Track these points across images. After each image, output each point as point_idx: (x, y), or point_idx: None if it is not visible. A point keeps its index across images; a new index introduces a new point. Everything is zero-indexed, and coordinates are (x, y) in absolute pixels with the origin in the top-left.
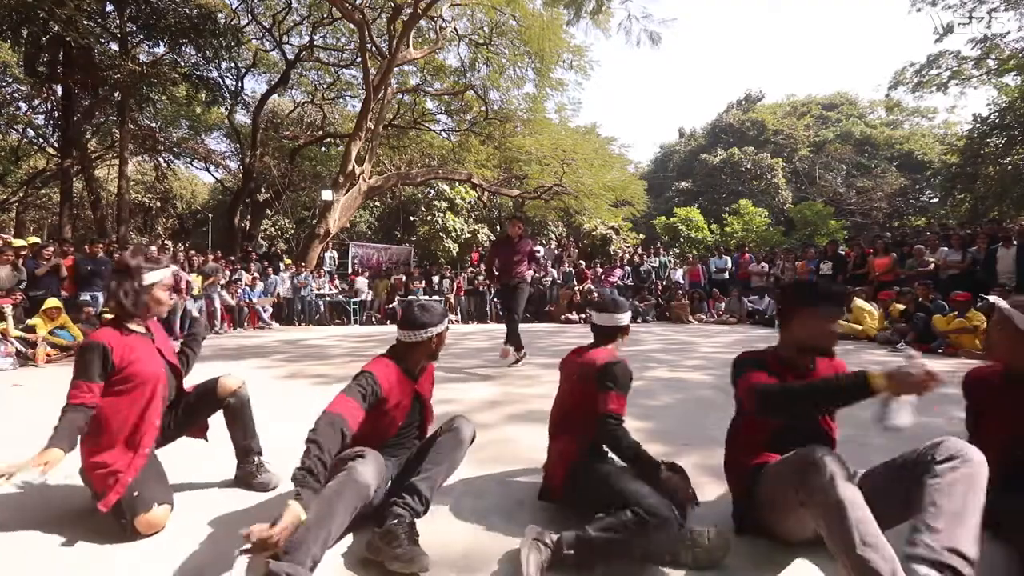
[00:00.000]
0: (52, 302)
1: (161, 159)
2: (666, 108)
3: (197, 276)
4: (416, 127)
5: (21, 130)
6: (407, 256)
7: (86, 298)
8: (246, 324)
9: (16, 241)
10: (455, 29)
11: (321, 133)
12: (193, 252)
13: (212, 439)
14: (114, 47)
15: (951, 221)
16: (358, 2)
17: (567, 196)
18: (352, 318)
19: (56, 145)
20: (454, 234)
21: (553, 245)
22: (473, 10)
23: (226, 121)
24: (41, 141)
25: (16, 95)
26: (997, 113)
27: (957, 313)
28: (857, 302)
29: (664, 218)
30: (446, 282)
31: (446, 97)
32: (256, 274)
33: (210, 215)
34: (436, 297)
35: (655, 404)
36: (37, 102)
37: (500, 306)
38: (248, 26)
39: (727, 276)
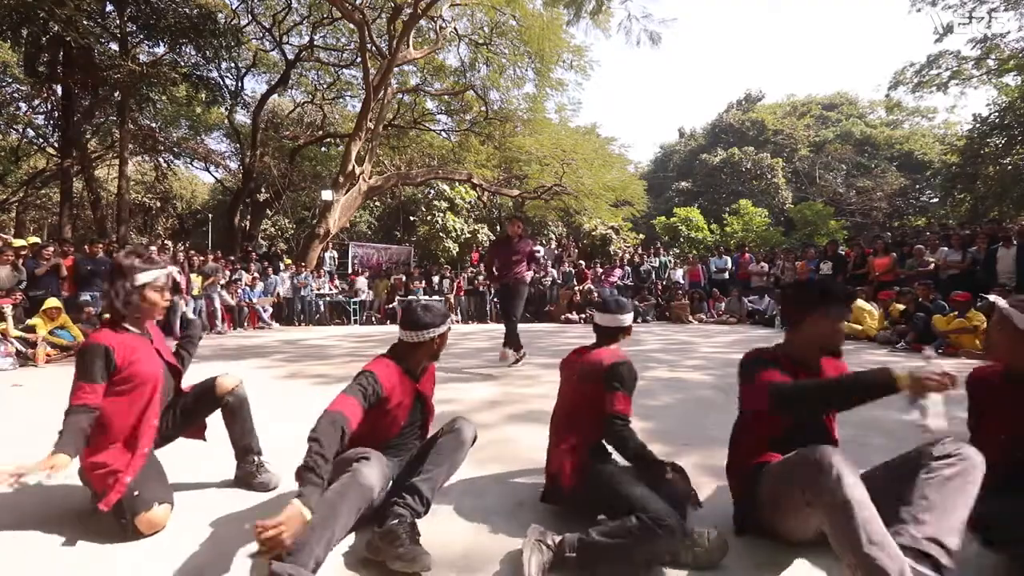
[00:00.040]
0: (52, 302)
1: (161, 159)
2: (666, 108)
3: (197, 276)
4: (416, 127)
5: (21, 130)
6: (407, 256)
7: (86, 298)
8: (246, 324)
9: (16, 241)
10: (455, 29)
11: (321, 133)
12: (193, 252)
13: (211, 439)
14: (114, 47)
15: (951, 221)
16: (358, 2)
17: (567, 196)
18: (352, 318)
19: (56, 145)
20: (454, 234)
21: (553, 245)
22: (473, 10)
23: (226, 121)
24: (41, 141)
25: (16, 95)
26: (997, 113)
27: (957, 313)
28: (857, 302)
29: (664, 218)
30: (446, 282)
31: (446, 97)
32: (256, 274)
33: (210, 215)
34: (436, 297)
35: (655, 404)
36: (37, 102)
37: (499, 306)
38: (248, 26)
39: (727, 276)
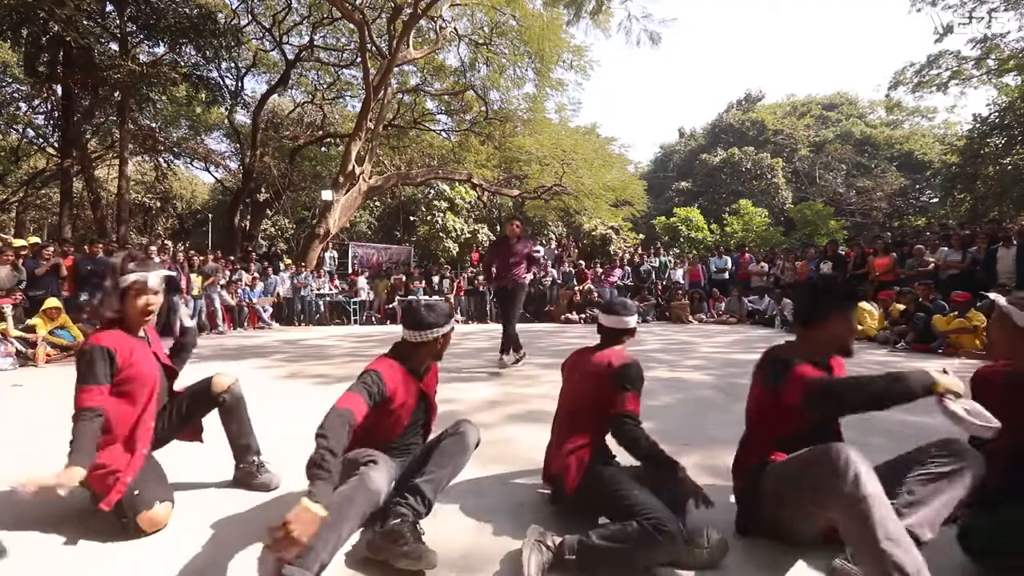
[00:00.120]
0: (52, 302)
1: (161, 159)
2: (666, 108)
3: (197, 276)
4: (416, 127)
5: (21, 130)
6: (407, 256)
7: (86, 298)
8: (246, 324)
9: (16, 241)
10: (455, 29)
11: (321, 133)
12: (193, 252)
13: (210, 440)
14: (114, 47)
15: (951, 221)
16: (358, 2)
17: (567, 196)
18: (352, 318)
19: (56, 145)
20: (454, 234)
21: (553, 245)
22: (473, 10)
23: (226, 121)
24: (41, 141)
25: (16, 95)
26: (997, 113)
27: (957, 313)
28: None
29: (664, 218)
30: (446, 282)
31: (446, 97)
32: (256, 274)
33: (210, 215)
34: (436, 297)
35: (655, 404)
36: (37, 102)
37: (498, 309)
38: (248, 26)
39: (727, 276)
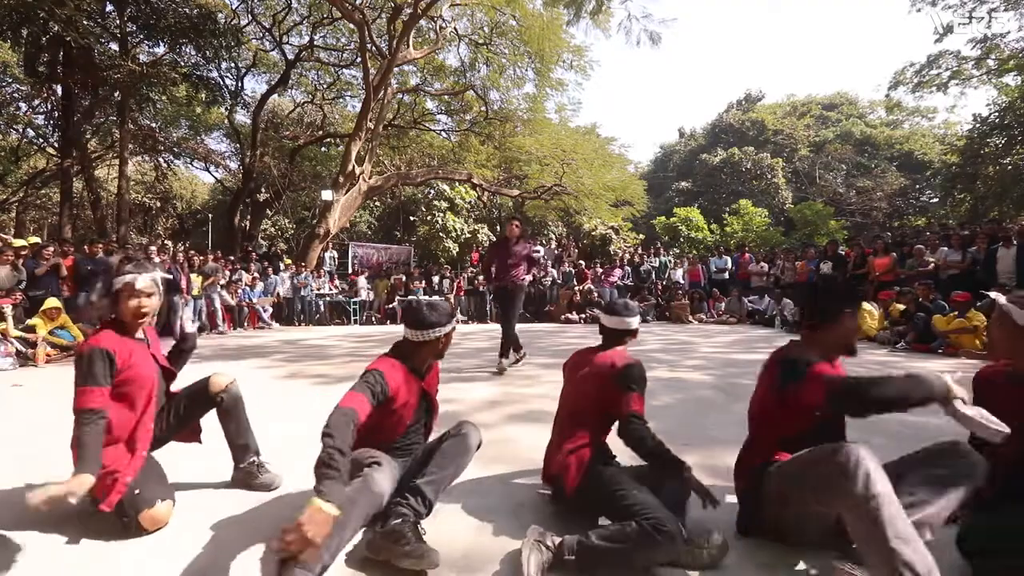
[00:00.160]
0: (52, 302)
1: (161, 159)
2: (666, 108)
3: (197, 276)
4: (416, 127)
5: (21, 130)
6: (407, 256)
7: (84, 298)
8: (246, 324)
9: (16, 241)
10: (455, 29)
11: (321, 133)
12: (193, 252)
13: (210, 441)
14: (114, 47)
15: (951, 221)
16: (358, 2)
17: (567, 196)
18: (352, 318)
19: (56, 145)
20: (454, 234)
21: (553, 245)
22: (473, 10)
23: (226, 121)
24: (41, 141)
25: (16, 95)
26: (997, 113)
27: (957, 313)
28: None
29: (664, 218)
30: (446, 282)
31: (446, 97)
32: (256, 274)
33: (210, 215)
34: (436, 297)
35: (655, 404)
36: (37, 102)
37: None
38: (248, 26)
39: (727, 276)
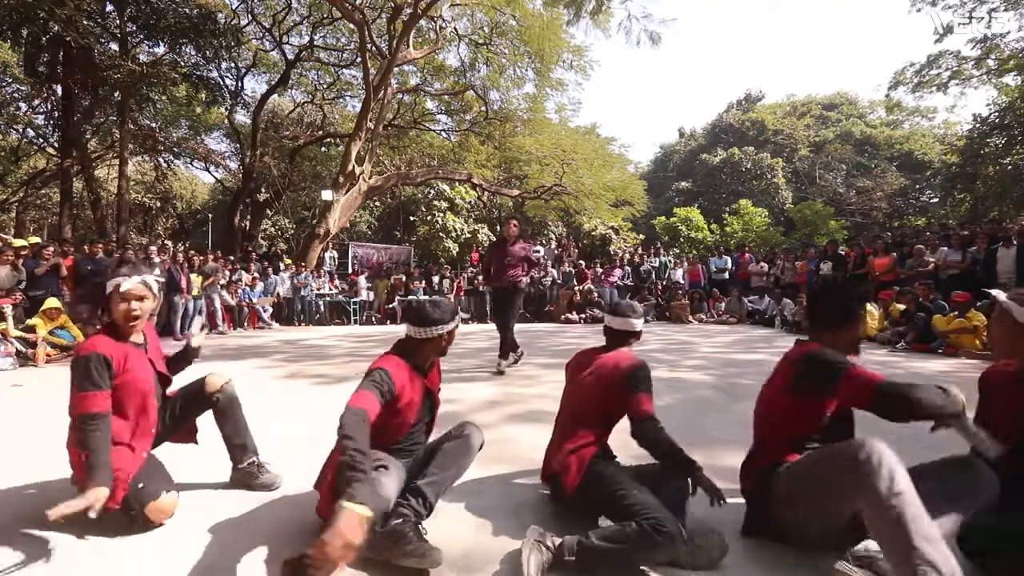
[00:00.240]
0: (52, 302)
1: (161, 159)
2: (666, 108)
3: (197, 276)
4: (416, 127)
5: (21, 130)
6: (407, 256)
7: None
8: (246, 324)
9: (16, 241)
10: (455, 29)
11: (321, 133)
12: (193, 252)
13: (210, 441)
14: (114, 47)
15: (951, 221)
16: (358, 2)
17: (567, 196)
18: (352, 318)
19: (56, 145)
20: (454, 234)
21: (553, 245)
22: (473, 10)
23: (226, 121)
24: (41, 141)
25: (16, 95)
26: (997, 113)
27: (957, 313)
28: None
29: (664, 218)
30: (446, 282)
31: (446, 97)
32: (256, 274)
33: (210, 215)
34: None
35: (655, 404)
36: (37, 102)
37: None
38: (248, 26)
39: (727, 276)
